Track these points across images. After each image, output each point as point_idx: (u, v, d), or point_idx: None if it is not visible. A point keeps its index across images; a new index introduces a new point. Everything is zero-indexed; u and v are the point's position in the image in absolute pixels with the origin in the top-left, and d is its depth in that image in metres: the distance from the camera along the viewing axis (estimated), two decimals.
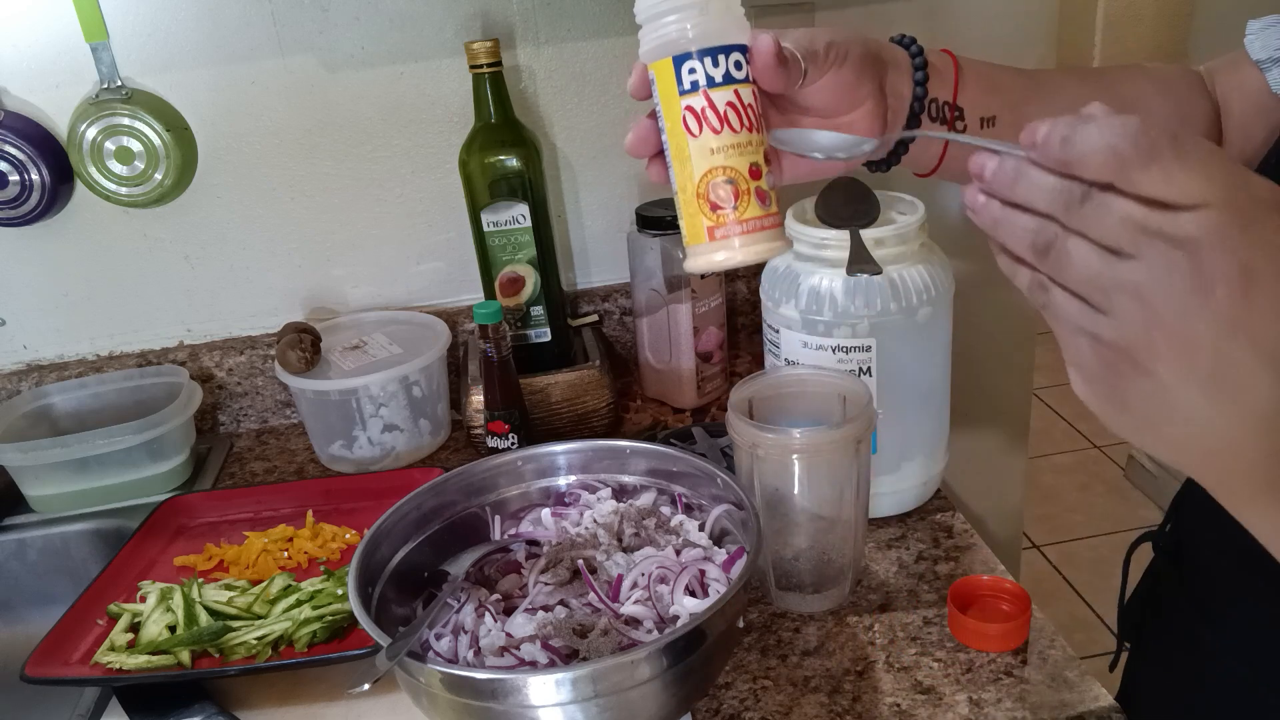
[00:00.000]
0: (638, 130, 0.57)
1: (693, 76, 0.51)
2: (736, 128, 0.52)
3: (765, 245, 0.54)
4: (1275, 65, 0.69)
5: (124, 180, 1.12)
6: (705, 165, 0.52)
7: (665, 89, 0.51)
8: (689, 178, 0.53)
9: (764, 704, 0.75)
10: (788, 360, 0.90)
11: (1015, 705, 0.72)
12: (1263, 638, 0.72)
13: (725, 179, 0.52)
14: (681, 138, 0.52)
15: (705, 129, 0.51)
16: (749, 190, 0.53)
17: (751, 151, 0.53)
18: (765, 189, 0.54)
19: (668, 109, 0.52)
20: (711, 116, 0.51)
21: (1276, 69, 0.69)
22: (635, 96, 0.57)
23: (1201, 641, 0.78)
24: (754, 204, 0.53)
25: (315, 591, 0.85)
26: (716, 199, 0.52)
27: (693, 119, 0.51)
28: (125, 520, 1.07)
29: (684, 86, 0.51)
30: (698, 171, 0.52)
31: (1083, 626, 2.25)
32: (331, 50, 1.14)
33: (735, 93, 0.51)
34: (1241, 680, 0.73)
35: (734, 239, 0.53)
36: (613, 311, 1.29)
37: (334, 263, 1.24)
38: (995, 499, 1.56)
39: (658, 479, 0.83)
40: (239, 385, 1.25)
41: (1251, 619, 0.73)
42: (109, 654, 0.81)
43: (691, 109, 0.51)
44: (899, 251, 0.86)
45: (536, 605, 0.73)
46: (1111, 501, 2.68)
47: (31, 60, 1.10)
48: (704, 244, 0.54)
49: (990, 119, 0.67)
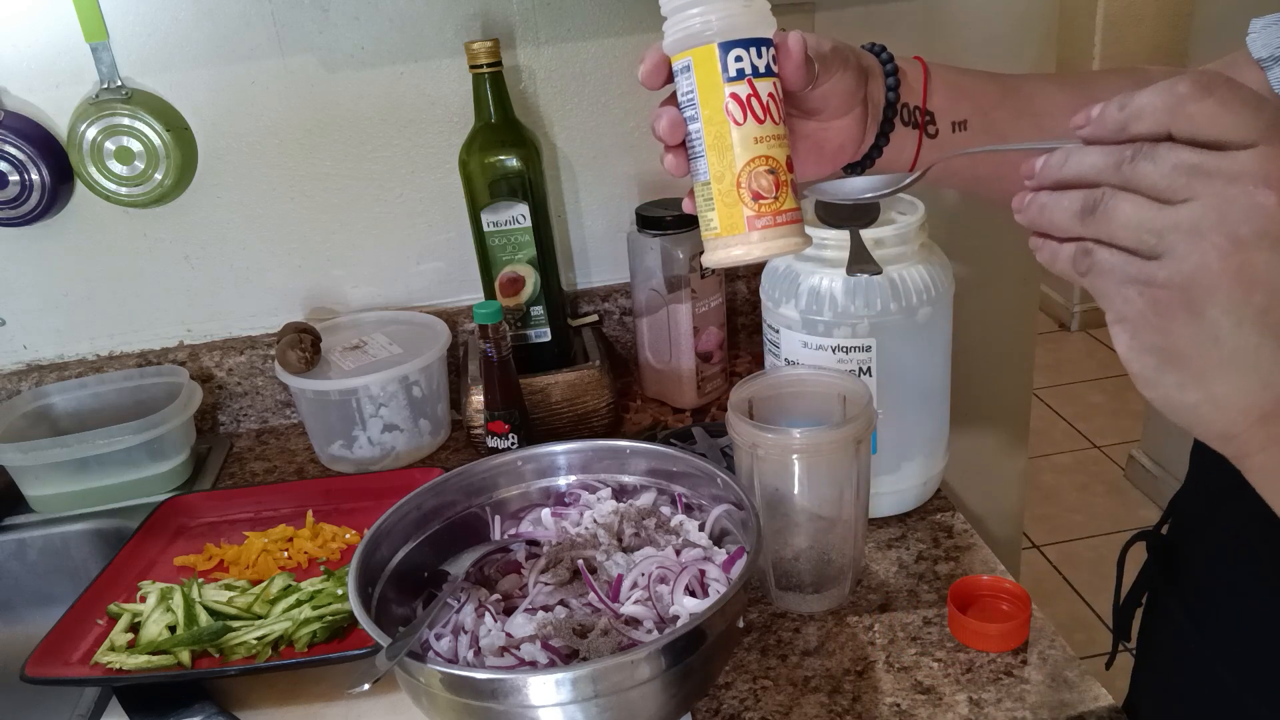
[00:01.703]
0: (671, 115, 0.56)
1: (739, 64, 0.50)
2: (777, 119, 0.52)
3: (797, 239, 0.54)
4: (1277, 64, 0.69)
5: (124, 180, 1.12)
6: (749, 154, 0.52)
7: (706, 76, 0.51)
8: (729, 166, 0.52)
9: (764, 704, 0.75)
10: (788, 360, 0.90)
11: (1015, 705, 0.73)
12: (1249, 645, 0.72)
13: (768, 169, 0.52)
14: (724, 125, 0.51)
15: (750, 117, 0.51)
16: (787, 182, 0.52)
17: (787, 145, 0.53)
18: (797, 183, 0.54)
19: (707, 97, 0.51)
20: (756, 105, 0.51)
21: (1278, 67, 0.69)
22: (647, 84, 0.57)
23: (1190, 645, 0.78)
24: (790, 196, 0.53)
25: (315, 591, 0.85)
26: (759, 188, 0.52)
27: (737, 107, 0.51)
28: (125, 520, 1.07)
29: (730, 74, 0.50)
30: (740, 160, 0.52)
31: (1083, 626, 2.25)
32: (331, 50, 1.14)
33: (775, 84, 0.51)
34: (1227, 688, 0.73)
35: (772, 229, 0.53)
36: (613, 311, 1.29)
37: (334, 263, 1.24)
38: (995, 499, 1.56)
39: (658, 479, 0.83)
40: (239, 385, 1.25)
41: (1238, 625, 0.73)
42: (109, 654, 0.81)
43: (737, 96, 0.51)
44: (899, 251, 0.86)
45: (536, 605, 0.73)
46: (1111, 501, 2.68)
47: (31, 60, 1.10)
48: (740, 234, 0.53)
49: (962, 123, 0.69)
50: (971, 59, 1.27)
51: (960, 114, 0.68)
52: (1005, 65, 1.28)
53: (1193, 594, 0.79)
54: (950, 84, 0.69)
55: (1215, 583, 0.75)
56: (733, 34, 0.51)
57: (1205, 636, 0.76)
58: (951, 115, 0.68)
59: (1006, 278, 1.37)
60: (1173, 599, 0.82)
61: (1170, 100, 0.40)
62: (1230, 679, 0.73)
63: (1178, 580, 0.81)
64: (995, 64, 1.27)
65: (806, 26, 1.20)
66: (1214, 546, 0.75)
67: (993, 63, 1.27)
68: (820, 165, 0.66)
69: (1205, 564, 0.77)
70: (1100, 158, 0.41)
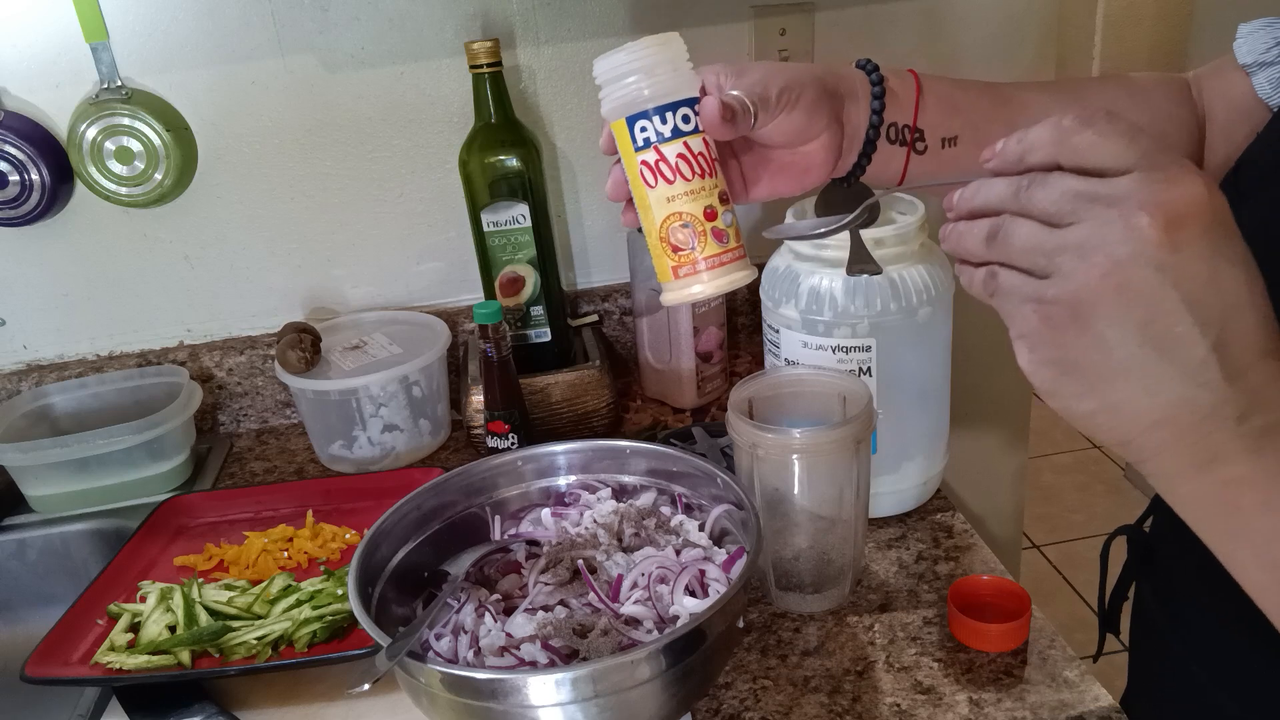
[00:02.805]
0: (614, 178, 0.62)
1: (644, 134, 0.55)
2: (689, 176, 0.56)
3: (729, 278, 0.59)
4: (1261, 69, 0.69)
5: (124, 180, 1.12)
6: (663, 213, 0.56)
7: (623, 146, 0.56)
8: (651, 224, 0.57)
9: (764, 704, 0.75)
10: (788, 360, 0.90)
11: (1015, 705, 0.73)
12: (1219, 643, 0.72)
13: (682, 224, 0.56)
14: (641, 189, 0.56)
15: (660, 180, 0.56)
16: (705, 231, 0.57)
17: (705, 196, 0.57)
18: (723, 227, 0.58)
19: (627, 163, 0.56)
20: (665, 169, 0.55)
21: (1263, 72, 0.69)
22: (605, 153, 0.61)
23: (1167, 641, 0.79)
24: (711, 243, 0.57)
25: (315, 591, 0.85)
26: (677, 242, 0.57)
27: (648, 172, 0.56)
28: (125, 520, 1.07)
29: (637, 144, 0.55)
30: (657, 219, 0.57)
31: (1083, 626, 2.25)
32: (331, 50, 1.14)
33: (685, 144, 0.55)
34: (1201, 684, 0.74)
35: (701, 274, 0.58)
36: (613, 311, 1.29)
37: (334, 263, 1.24)
38: (995, 499, 1.56)
39: (658, 479, 0.83)
40: (239, 385, 1.25)
41: (1209, 623, 0.73)
42: (109, 654, 0.81)
43: (646, 163, 0.55)
44: (899, 251, 0.86)
45: (536, 605, 0.73)
46: (1111, 501, 2.68)
47: (31, 60, 1.10)
48: (672, 281, 0.59)
49: (952, 139, 0.70)
50: (970, 59, 1.28)
51: (951, 130, 0.70)
52: (1004, 65, 1.29)
53: (1168, 590, 0.79)
54: (942, 99, 0.70)
55: (1188, 579, 0.76)
56: (636, 107, 0.55)
57: (1179, 632, 0.76)
58: (942, 131, 0.69)
59: None
60: (1151, 594, 0.82)
61: (1056, 134, 0.44)
62: (1203, 675, 0.73)
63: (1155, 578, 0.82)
64: (994, 63, 1.28)
65: (806, 26, 1.21)
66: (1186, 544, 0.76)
67: (991, 62, 1.28)
68: (792, 184, 0.68)
69: (1179, 560, 0.77)
70: (1003, 188, 0.45)
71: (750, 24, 1.20)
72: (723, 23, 1.19)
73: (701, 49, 1.20)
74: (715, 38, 1.20)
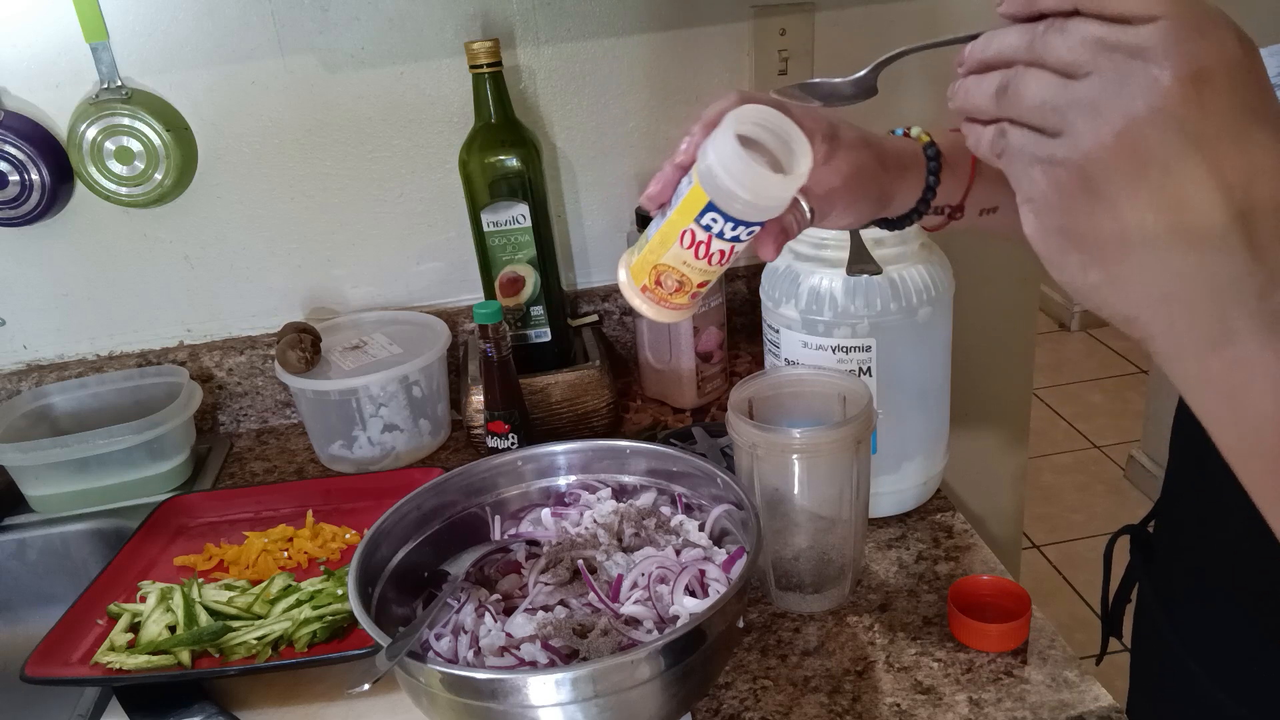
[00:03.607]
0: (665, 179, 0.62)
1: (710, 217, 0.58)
2: (712, 264, 0.60)
3: (669, 316, 0.65)
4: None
5: (124, 180, 1.12)
6: (673, 262, 0.61)
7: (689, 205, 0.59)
8: (658, 252, 0.61)
9: (764, 704, 0.75)
10: (788, 360, 0.90)
11: (1015, 705, 0.73)
12: (1220, 643, 0.72)
13: (677, 279, 0.61)
14: (673, 235, 0.60)
15: (691, 249, 0.60)
16: (685, 291, 0.62)
17: (708, 275, 0.62)
18: (697, 294, 0.63)
19: (680, 214, 0.59)
20: (701, 249, 0.59)
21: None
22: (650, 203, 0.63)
23: (1168, 641, 0.79)
24: (681, 297, 0.63)
25: (315, 591, 0.85)
26: (662, 281, 0.62)
27: (688, 237, 0.59)
28: (125, 520, 1.07)
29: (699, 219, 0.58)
30: (665, 258, 0.61)
31: (1083, 626, 2.25)
32: (331, 50, 1.14)
33: (731, 245, 0.59)
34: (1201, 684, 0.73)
35: (655, 303, 0.63)
36: (613, 311, 1.29)
37: (334, 263, 1.24)
38: (995, 499, 1.56)
39: (658, 479, 0.83)
40: (239, 385, 1.25)
41: (1209, 623, 0.73)
42: (109, 654, 0.81)
43: (693, 234, 0.59)
44: (899, 251, 0.86)
45: (536, 605, 0.73)
46: (1111, 501, 2.68)
47: (31, 60, 1.10)
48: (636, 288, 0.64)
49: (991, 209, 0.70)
50: None
51: (993, 201, 0.69)
52: None
53: (1168, 590, 0.79)
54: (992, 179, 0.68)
55: (1189, 580, 0.76)
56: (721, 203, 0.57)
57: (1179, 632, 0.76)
58: (983, 203, 0.69)
59: (1006, 278, 1.37)
60: (1152, 594, 0.82)
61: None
62: (1203, 675, 0.73)
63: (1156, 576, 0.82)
64: None
65: (806, 26, 1.20)
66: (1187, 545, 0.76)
67: None
68: None
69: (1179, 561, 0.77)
70: (1016, 36, 0.41)
71: (750, 24, 1.20)
72: (723, 22, 1.19)
73: (702, 49, 1.20)
74: (715, 37, 1.20)
